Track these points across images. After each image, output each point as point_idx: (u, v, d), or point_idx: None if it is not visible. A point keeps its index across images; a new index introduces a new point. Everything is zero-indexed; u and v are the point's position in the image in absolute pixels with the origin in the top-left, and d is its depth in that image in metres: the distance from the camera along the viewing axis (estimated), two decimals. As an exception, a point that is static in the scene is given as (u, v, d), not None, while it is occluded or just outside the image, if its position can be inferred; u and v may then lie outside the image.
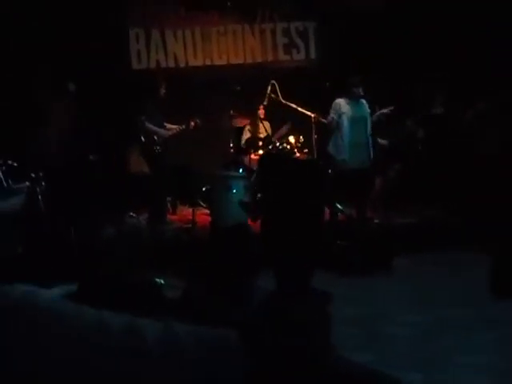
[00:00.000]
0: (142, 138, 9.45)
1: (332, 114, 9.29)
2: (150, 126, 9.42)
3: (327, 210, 9.82)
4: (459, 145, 10.47)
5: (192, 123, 9.67)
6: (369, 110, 9.42)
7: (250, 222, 8.46)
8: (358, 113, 9.28)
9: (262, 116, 10.61)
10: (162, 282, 5.63)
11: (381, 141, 9.93)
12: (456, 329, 6.24)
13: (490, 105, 10.15)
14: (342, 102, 9.26)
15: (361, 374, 3.54)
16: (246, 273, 3.64)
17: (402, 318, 6.58)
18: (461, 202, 10.09)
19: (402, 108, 10.18)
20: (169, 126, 9.78)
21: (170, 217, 10.26)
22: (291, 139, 10.89)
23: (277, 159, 3.33)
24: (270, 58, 11.97)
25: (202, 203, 10.58)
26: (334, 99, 9.46)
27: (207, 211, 10.26)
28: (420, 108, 10.01)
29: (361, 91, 9.21)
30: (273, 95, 10.42)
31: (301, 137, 10.93)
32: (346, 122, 9.18)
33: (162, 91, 9.62)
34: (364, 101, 9.35)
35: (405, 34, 11.07)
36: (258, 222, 8.23)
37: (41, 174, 8.51)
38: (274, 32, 11.95)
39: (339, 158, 9.24)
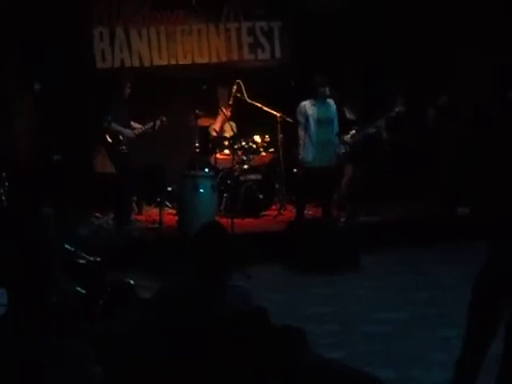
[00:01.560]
0: (108, 138, 9.36)
1: (299, 118, 9.27)
2: (116, 126, 9.34)
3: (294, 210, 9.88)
4: (424, 142, 10.57)
5: (158, 122, 9.61)
6: (335, 111, 9.42)
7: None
8: (325, 114, 9.28)
9: (228, 115, 10.57)
10: (132, 282, 5.58)
11: (347, 138, 9.95)
12: (427, 326, 6.29)
13: (450, 98, 10.24)
14: (307, 105, 9.25)
15: (339, 371, 3.56)
16: (223, 271, 3.63)
17: (374, 315, 6.62)
18: (429, 200, 10.22)
19: (370, 108, 10.24)
20: (135, 125, 9.71)
21: (135, 217, 10.18)
22: (257, 139, 10.91)
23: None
24: (235, 57, 11.93)
25: (168, 203, 10.54)
26: (299, 98, 9.44)
27: (173, 211, 10.22)
28: (385, 108, 10.06)
29: (327, 90, 9.21)
30: (238, 94, 10.42)
31: (266, 136, 10.96)
32: (312, 124, 9.18)
33: (127, 90, 9.55)
34: (331, 101, 9.35)
35: (369, 31, 11.12)
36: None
37: (4, 174, 8.40)
38: (239, 31, 11.90)
39: (305, 158, 9.24)
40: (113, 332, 3.49)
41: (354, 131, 9.99)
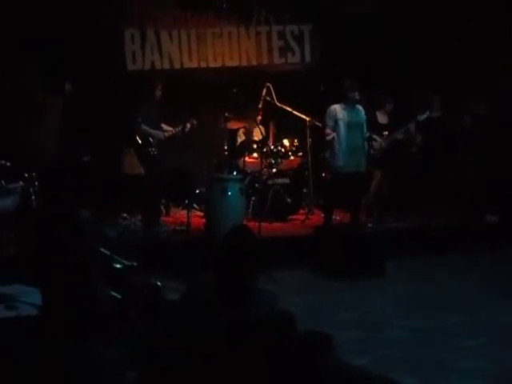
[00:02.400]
0: (138, 140, 9.40)
1: (328, 122, 9.25)
2: (145, 128, 9.38)
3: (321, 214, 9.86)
4: (458, 148, 10.48)
5: (188, 125, 9.64)
6: (364, 116, 9.40)
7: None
8: (354, 118, 9.26)
9: (258, 119, 10.59)
10: (159, 284, 5.60)
11: (376, 143, 9.94)
12: (451, 333, 6.27)
13: (488, 108, 10.18)
14: (337, 108, 9.23)
15: (363, 378, 3.55)
16: (250, 274, 3.63)
17: (399, 322, 6.60)
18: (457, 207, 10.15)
19: (400, 112, 10.20)
20: (166, 127, 9.75)
21: (163, 219, 10.21)
22: (286, 142, 10.91)
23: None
24: (265, 61, 11.94)
25: (196, 206, 10.57)
26: (328, 102, 9.42)
27: (201, 213, 10.24)
28: (417, 112, 10.01)
29: (356, 95, 9.18)
30: (268, 98, 10.43)
31: (295, 140, 10.95)
32: (342, 128, 9.16)
33: (158, 93, 9.57)
34: (360, 106, 9.33)
35: (400, 35, 11.08)
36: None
37: (34, 174, 8.46)
38: (269, 35, 11.92)
39: (335, 163, 9.22)
40: (144, 336, 3.51)
41: (383, 136, 9.98)
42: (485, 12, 10.56)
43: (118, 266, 5.37)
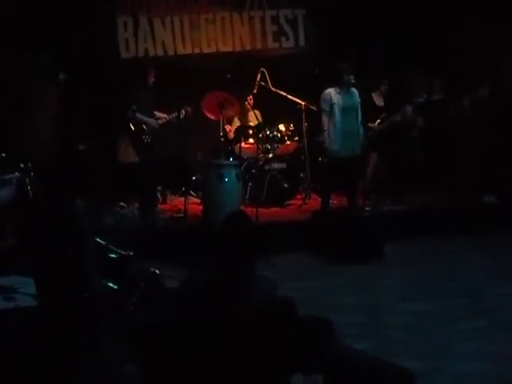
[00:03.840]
0: (132, 127, 9.35)
1: (323, 106, 9.20)
2: (140, 115, 9.34)
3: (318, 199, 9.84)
4: (459, 132, 10.43)
5: (183, 112, 9.60)
6: (359, 99, 9.36)
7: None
8: (349, 102, 9.21)
9: (250, 104, 10.53)
10: (158, 271, 5.56)
11: (372, 125, 9.92)
12: (453, 316, 6.26)
13: (491, 90, 10.11)
14: (332, 92, 9.17)
15: (366, 362, 3.54)
16: (248, 260, 3.60)
17: (400, 305, 6.60)
18: (455, 188, 10.13)
19: (396, 95, 10.16)
20: (159, 114, 9.70)
21: (160, 206, 10.18)
22: (281, 127, 10.87)
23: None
24: (259, 45, 11.88)
25: (192, 193, 10.53)
26: (323, 86, 9.37)
27: (198, 200, 10.22)
28: (417, 95, 9.97)
29: (352, 78, 9.13)
30: (262, 83, 10.38)
31: (291, 125, 10.91)
32: (337, 112, 9.10)
33: (151, 80, 9.53)
34: (355, 90, 9.28)
35: (395, 18, 11.01)
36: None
37: (30, 165, 8.43)
38: (262, 20, 11.85)
39: (331, 147, 9.18)
40: (143, 326, 3.49)
41: (380, 119, 9.97)
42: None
43: (114, 255, 5.33)
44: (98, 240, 5.32)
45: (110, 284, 4.83)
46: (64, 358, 3.36)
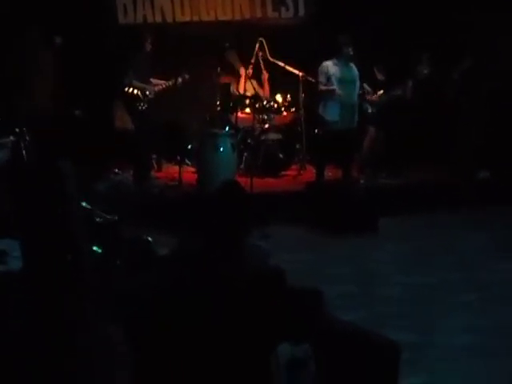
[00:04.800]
0: (128, 94, 9.29)
1: (320, 78, 9.17)
2: (136, 82, 9.29)
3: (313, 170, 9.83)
4: (447, 105, 10.42)
5: (180, 79, 9.54)
6: (357, 73, 9.33)
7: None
8: (347, 74, 9.19)
9: (249, 73, 10.47)
10: (150, 239, 5.57)
11: (373, 98, 9.91)
12: (446, 289, 6.29)
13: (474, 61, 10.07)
14: (329, 65, 9.14)
15: (354, 333, 3.55)
16: (241, 230, 3.60)
17: (392, 278, 6.62)
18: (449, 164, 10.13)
19: (397, 70, 10.12)
20: (155, 81, 9.65)
21: (155, 174, 10.16)
22: (278, 98, 10.82)
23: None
24: (259, 14, 11.77)
25: (187, 161, 10.51)
26: (322, 58, 9.33)
27: (193, 169, 10.20)
28: (416, 69, 9.95)
29: (351, 50, 9.09)
30: (260, 53, 10.32)
31: (288, 95, 10.86)
32: (334, 84, 9.07)
33: (149, 46, 9.46)
34: (353, 64, 9.25)
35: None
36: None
37: (24, 129, 8.39)
38: (262, -13, 11.77)
39: (329, 119, 9.15)
40: (134, 294, 3.48)
41: (381, 92, 9.94)
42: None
43: (99, 219, 5.34)
44: (84, 204, 5.32)
45: (95, 248, 4.84)
46: (50, 318, 3.37)
